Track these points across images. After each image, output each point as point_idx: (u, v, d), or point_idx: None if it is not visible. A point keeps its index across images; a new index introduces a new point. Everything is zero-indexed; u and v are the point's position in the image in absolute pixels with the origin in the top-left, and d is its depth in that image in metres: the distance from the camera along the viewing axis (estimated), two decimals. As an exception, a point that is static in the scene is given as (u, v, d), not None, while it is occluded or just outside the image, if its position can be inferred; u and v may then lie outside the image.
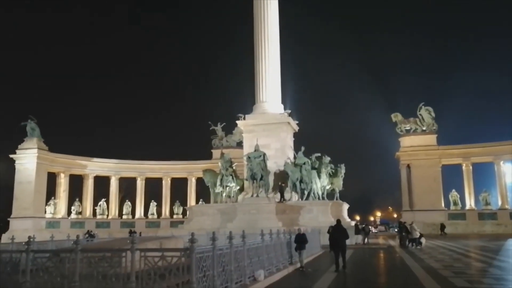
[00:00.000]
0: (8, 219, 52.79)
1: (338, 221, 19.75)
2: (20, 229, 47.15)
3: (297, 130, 46.86)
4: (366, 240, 37.20)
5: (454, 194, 59.84)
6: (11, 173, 53.46)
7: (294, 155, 42.90)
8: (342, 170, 42.52)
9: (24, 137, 54.01)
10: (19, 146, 53.63)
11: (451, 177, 62.25)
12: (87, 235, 39.36)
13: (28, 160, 52.97)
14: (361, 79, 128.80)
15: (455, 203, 59.41)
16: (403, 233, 33.89)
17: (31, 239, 11.15)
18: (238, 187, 43.21)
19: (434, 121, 60.94)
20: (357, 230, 37.07)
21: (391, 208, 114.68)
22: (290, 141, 45.55)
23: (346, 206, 42.35)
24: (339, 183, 42.11)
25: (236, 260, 12.71)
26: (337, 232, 18.98)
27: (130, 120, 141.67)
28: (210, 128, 61.13)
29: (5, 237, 46.40)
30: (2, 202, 60.34)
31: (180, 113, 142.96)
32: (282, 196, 40.10)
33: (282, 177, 41.67)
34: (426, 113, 60.94)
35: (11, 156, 53.17)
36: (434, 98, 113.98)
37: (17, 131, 54.43)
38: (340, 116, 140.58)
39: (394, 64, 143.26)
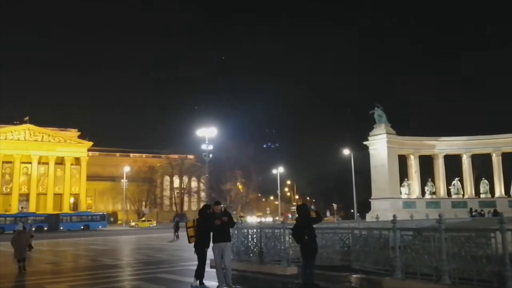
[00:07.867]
0: (369, 200, 58.28)
1: None
2: (380, 209, 50.84)
3: None
4: None
5: None
6: (367, 158, 58.87)
7: None
8: None
9: (373, 124, 58.25)
10: (370, 133, 58.11)
11: None
12: (474, 213, 41.89)
13: (379, 145, 56.67)
14: None
15: None
16: None
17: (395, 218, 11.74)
18: None
19: None
20: None
21: None
22: None
23: None
24: None
25: None
26: None
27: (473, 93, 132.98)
28: None
29: (368, 216, 51.48)
30: (364, 185, 67.21)
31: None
32: None
33: None
34: None
35: (364, 143, 58.51)
36: None
37: (367, 119, 59.32)
38: None
39: None
